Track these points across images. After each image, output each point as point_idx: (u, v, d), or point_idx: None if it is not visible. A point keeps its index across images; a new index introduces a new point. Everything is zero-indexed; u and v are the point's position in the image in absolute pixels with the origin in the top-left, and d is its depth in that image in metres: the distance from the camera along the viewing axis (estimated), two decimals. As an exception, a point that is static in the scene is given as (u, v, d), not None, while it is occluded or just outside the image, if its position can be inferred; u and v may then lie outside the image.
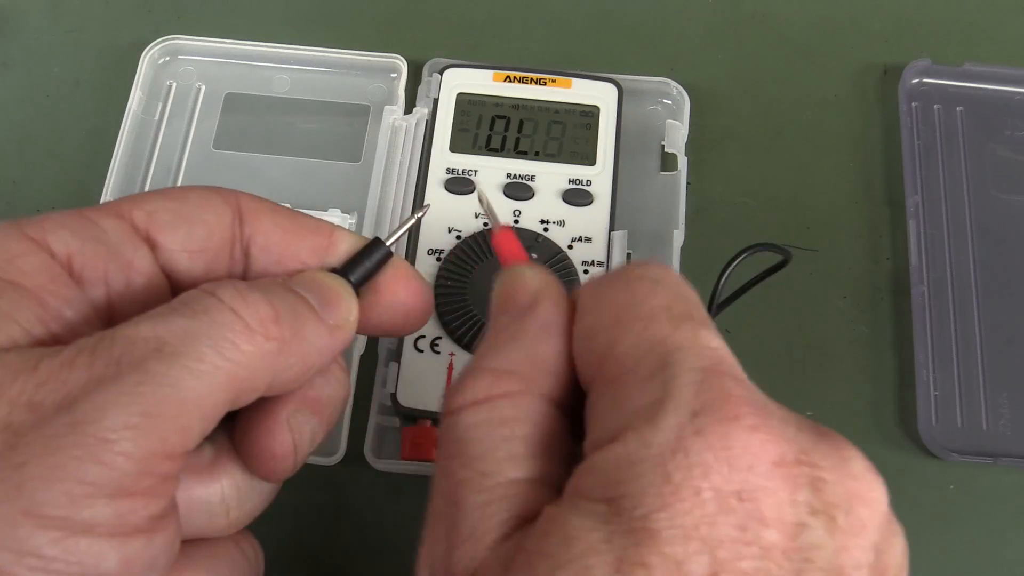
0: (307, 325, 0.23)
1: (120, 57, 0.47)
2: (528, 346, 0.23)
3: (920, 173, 0.44)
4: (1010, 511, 0.38)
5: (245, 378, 0.22)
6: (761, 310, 0.41)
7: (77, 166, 0.44)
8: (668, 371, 0.20)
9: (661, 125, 0.44)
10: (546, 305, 0.23)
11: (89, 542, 0.19)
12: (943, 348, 0.40)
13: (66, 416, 0.19)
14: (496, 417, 0.22)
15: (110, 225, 0.23)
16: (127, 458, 0.19)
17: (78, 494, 0.19)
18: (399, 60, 0.45)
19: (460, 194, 0.41)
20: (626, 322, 0.22)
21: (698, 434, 0.19)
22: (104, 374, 0.20)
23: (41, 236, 0.22)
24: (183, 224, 0.24)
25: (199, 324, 0.21)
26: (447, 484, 0.22)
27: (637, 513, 0.18)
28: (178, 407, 0.20)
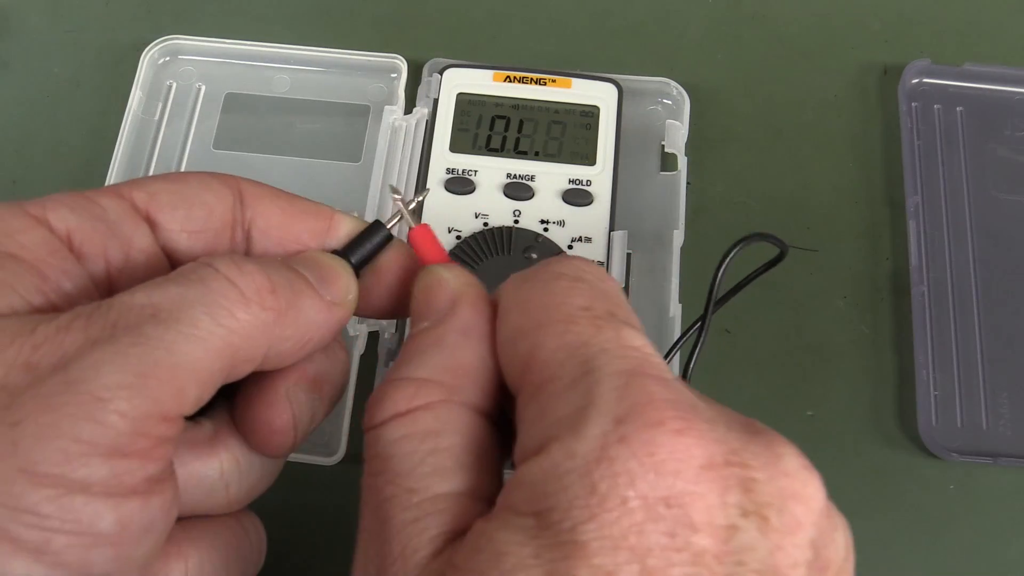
0: (304, 298, 0.23)
1: (120, 57, 0.47)
2: (448, 353, 0.22)
3: (920, 173, 0.44)
4: (1010, 511, 0.38)
5: (240, 347, 0.22)
6: (761, 310, 0.41)
7: (77, 166, 0.44)
8: (591, 377, 0.20)
9: (661, 125, 0.44)
10: (466, 308, 0.23)
11: (85, 500, 0.19)
12: (943, 348, 0.40)
13: (61, 375, 0.19)
14: (419, 430, 0.21)
15: (110, 204, 0.24)
16: (121, 417, 0.19)
17: (73, 452, 0.19)
18: (399, 60, 0.45)
19: (460, 194, 0.41)
20: (547, 325, 0.21)
21: (622, 441, 0.19)
22: (99, 336, 0.20)
23: (41, 214, 0.23)
24: (183, 204, 0.25)
25: (195, 291, 0.21)
26: (374, 501, 0.21)
27: (565, 526, 0.18)
28: (172, 370, 0.20)
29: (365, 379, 0.39)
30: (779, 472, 0.20)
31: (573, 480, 0.19)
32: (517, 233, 0.40)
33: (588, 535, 0.18)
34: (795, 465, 0.20)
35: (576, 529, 0.18)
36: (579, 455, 0.19)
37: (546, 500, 0.19)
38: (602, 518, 0.18)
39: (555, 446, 0.19)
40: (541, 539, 0.18)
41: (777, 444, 0.20)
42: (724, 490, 0.19)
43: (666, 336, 0.39)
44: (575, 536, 0.18)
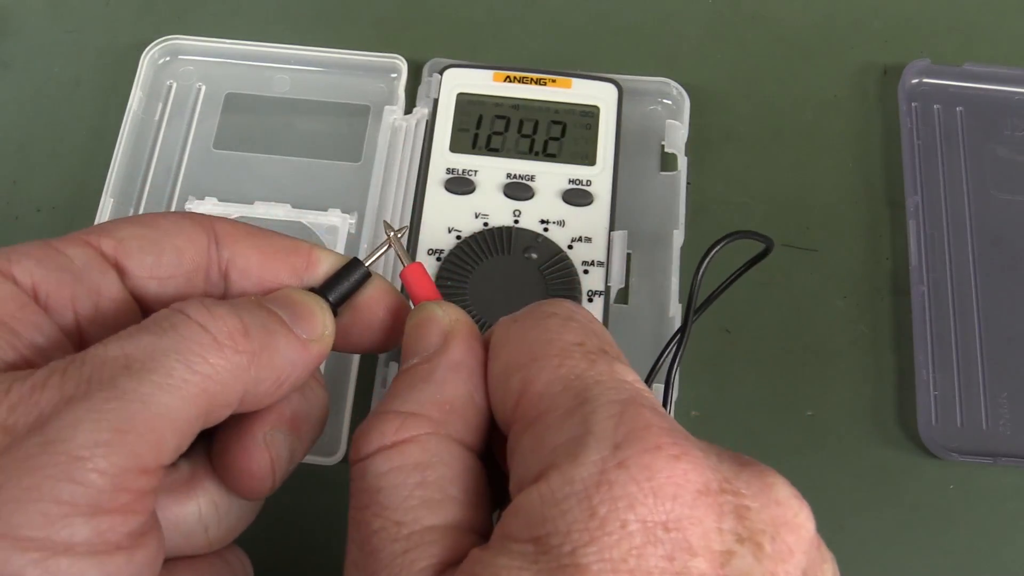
0: (278, 338, 0.23)
1: (120, 57, 0.47)
2: (436, 388, 0.23)
3: (920, 173, 0.44)
4: (1010, 511, 0.38)
5: (216, 392, 0.21)
6: (761, 310, 0.41)
7: (77, 166, 0.44)
8: (587, 406, 0.20)
9: (661, 125, 0.44)
10: (456, 344, 0.23)
11: (70, 562, 0.19)
12: (943, 348, 0.40)
13: (38, 436, 0.19)
14: (407, 463, 0.22)
15: (76, 253, 0.23)
16: (100, 475, 0.19)
17: (55, 514, 0.19)
18: (399, 60, 0.45)
19: (460, 194, 0.41)
20: (541, 359, 0.22)
21: (621, 466, 0.19)
22: (74, 393, 0.20)
23: (6, 267, 0.22)
24: (152, 250, 0.24)
25: (167, 340, 0.21)
26: (361, 534, 0.21)
27: (565, 549, 0.18)
28: (149, 422, 0.20)
29: (365, 379, 0.39)
30: (771, 500, 0.20)
31: (572, 505, 0.19)
32: (517, 233, 0.40)
33: (589, 558, 0.18)
34: (786, 494, 0.20)
35: (576, 552, 0.18)
36: (578, 480, 0.19)
37: (545, 526, 0.19)
38: (602, 541, 0.18)
39: (554, 473, 0.19)
40: (541, 564, 0.18)
41: (767, 474, 0.21)
42: (720, 516, 0.19)
43: (666, 336, 0.39)
44: (576, 559, 0.18)
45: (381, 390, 0.38)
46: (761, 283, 0.42)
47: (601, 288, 0.39)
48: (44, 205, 0.44)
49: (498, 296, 0.39)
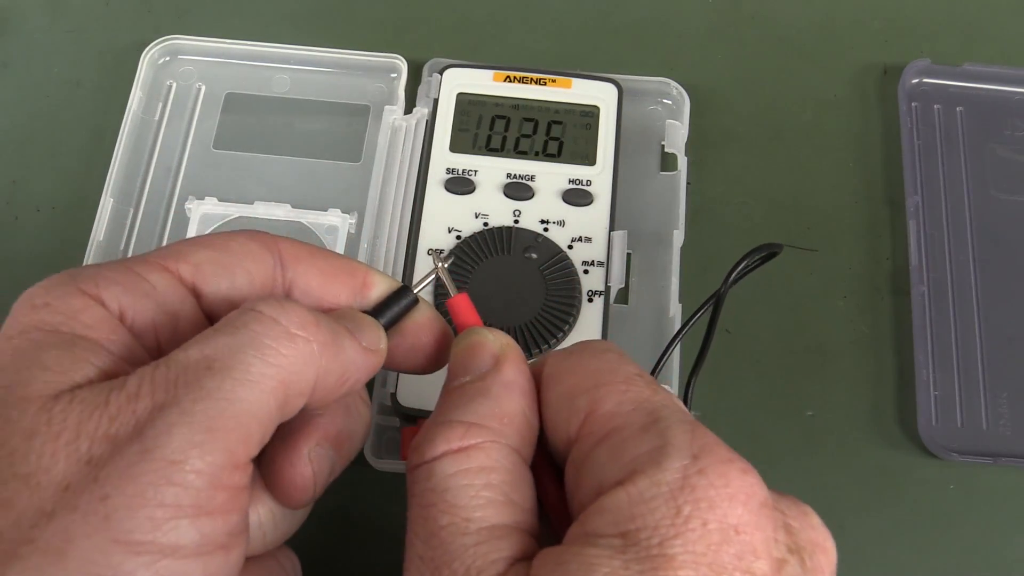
0: (343, 338, 0.25)
1: (120, 57, 0.47)
2: (494, 402, 0.24)
3: (920, 173, 0.44)
4: (1010, 511, 0.38)
5: (291, 382, 0.23)
6: (761, 310, 0.41)
7: (77, 166, 0.44)
8: (661, 423, 0.23)
9: (661, 125, 0.44)
10: (509, 365, 0.25)
11: (178, 563, 0.20)
12: (943, 348, 0.40)
13: (137, 445, 0.20)
14: (473, 466, 0.23)
15: (157, 280, 0.25)
16: (198, 475, 0.21)
17: (160, 518, 0.20)
18: (399, 60, 0.45)
19: (460, 194, 0.41)
20: (607, 384, 0.24)
21: (701, 473, 0.21)
22: (164, 399, 0.21)
23: (95, 292, 0.24)
24: (225, 275, 0.26)
25: (242, 337, 0.22)
26: (428, 530, 0.23)
27: (653, 542, 0.21)
28: (236, 418, 0.21)
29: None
30: (808, 524, 0.23)
31: (659, 504, 0.21)
32: (517, 233, 0.40)
33: (675, 550, 0.20)
34: (819, 521, 0.23)
35: (664, 544, 0.20)
36: (664, 483, 0.21)
37: (633, 521, 0.21)
38: (686, 536, 0.21)
39: (640, 477, 0.22)
40: (629, 554, 0.21)
41: (802, 503, 0.24)
42: (775, 528, 0.22)
43: (666, 336, 0.39)
44: (663, 550, 0.20)
45: (381, 390, 0.38)
46: (761, 283, 0.42)
47: (601, 288, 0.39)
48: (44, 205, 0.44)
49: (498, 296, 0.39)
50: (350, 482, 0.38)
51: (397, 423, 0.38)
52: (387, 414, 0.38)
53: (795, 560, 0.22)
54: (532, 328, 0.38)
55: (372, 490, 0.38)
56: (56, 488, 0.20)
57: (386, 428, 0.38)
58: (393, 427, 0.38)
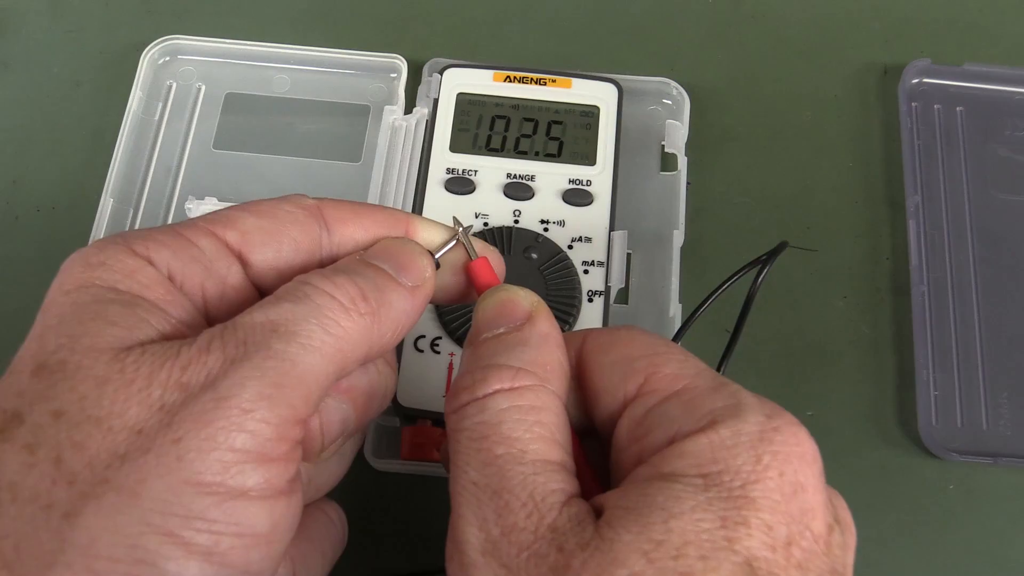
0: (389, 293, 0.26)
1: (120, 57, 0.47)
2: (536, 351, 0.25)
3: (920, 173, 0.44)
4: (1010, 511, 0.38)
5: (348, 351, 0.24)
6: (761, 310, 0.41)
7: (77, 166, 0.44)
8: (730, 386, 0.24)
9: (661, 125, 0.44)
10: (543, 319, 0.26)
11: (245, 504, 0.21)
12: (943, 348, 0.40)
13: (211, 393, 0.21)
14: (525, 404, 0.24)
15: (205, 244, 0.26)
16: (266, 424, 0.22)
17: (230, 460, 0.21)
18: (399, 60, 0.45)
19: (460, 194, 0.41)
20: (666, 353, 0.26)
21: (777, 430, 0.23)
22: (236, 355, 0.22)
23: (146, 254, 0.24)
24: (272, 243, 0.26)
25: (304, 307, 0.24)
26: (481, 459, 0.23)
27: (736, 483, 0.22)
28: (300, 377, 0.23)
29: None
30: (841, 506, 0.25)
31: (742, 451, 0.22)
32: (517, 233, 0.40)
33: (756, 492, 0.22)
34: (847, 507, 0.25)
35: (746, 486, 0.22)
36: (744, 433, 0.23)
37: (716, 464, 0.22)
38: (766, 483, 0.22)
39: (721, 427, 0.23)
40: (711, 492, 0.22)
41: (835, 490, 0.25)
42: (826, 497, 0.23)
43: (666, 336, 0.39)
44: (745, 492, 0.22)
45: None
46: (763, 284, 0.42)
47: (601, 288, 0.39)
48: (44, 205, 0.44)
49: (498, 296, 0.39)
50: (350, 482, 0.38)
51: (397, 423, 0.38)
52: (387, 414, 0.38)
53: (839, 528, 0.23)
54: (532, 328, 0.38)
55: (372, 490, 0.38)
56: (129, 432, 0.21)
57: (386, 428, 0.38)
58: (393, 427, 0.38)
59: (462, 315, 0.38)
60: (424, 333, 0.38)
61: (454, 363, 0.38)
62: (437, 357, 0.38)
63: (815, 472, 0.23)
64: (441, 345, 0.38)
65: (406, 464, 0.37)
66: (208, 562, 0.21)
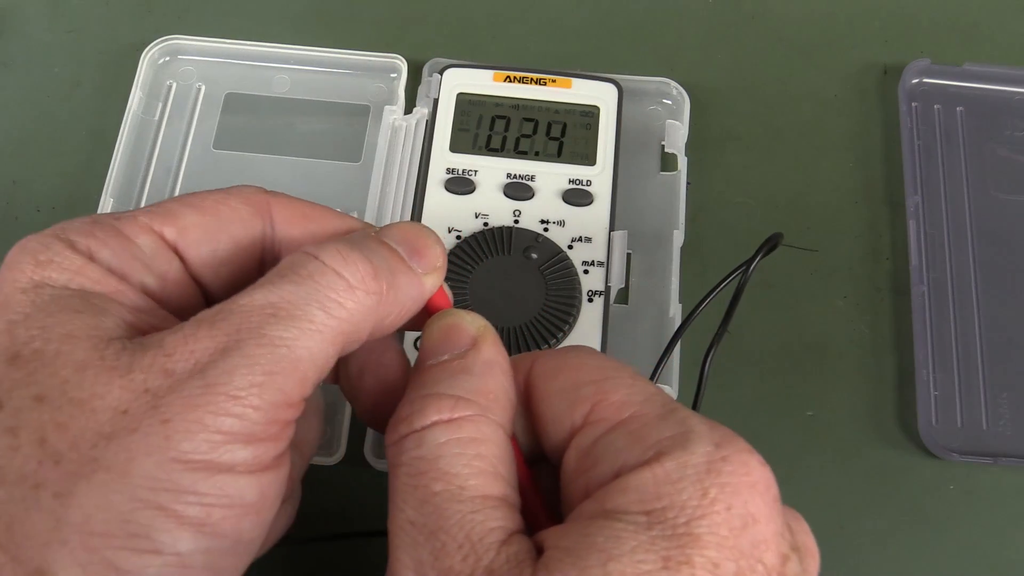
0: (400, 276, 0.25)
1: (120, 57, 0.47)
2: (478, 379, 0.25)
3: (920, 173, 0.44)
4: (1010, 511, 0.38)
5: (351, 332, 0.24)
6: (761, 310, 0.41)
7: (77, 166, 0.44)
8: (679, 413, 0.23)
9: (661, 125, 0.44)
10: (488, 345, 0.26)
11: (234, 478, 0.22)
12: (943, 348, 0.40)
13: (199, 379, 0.21)
14: (464, 436, 0.24)
15: (144, 242, 0.25)
16: (255, 410, 0.22)
17: (218, 441, 0.21)
18: (399, 60, 0.45)
19: (460, 194, 0.41)
20: (614, 378, 0.25)
21: (725, 460, 0.22)
22: (227, 343, 0.22)
23: (88, 251, 0.25)
24: (209, 241, 0.26)
25: (306, 288, 0.23)
26: (419, 496, 0.23)
27: (680, 520, 0.21)
28: (295, 363, 0.22)
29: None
30: (801, 530, 0.24)
31: (687, 485, 0.22)
32: (517, 233, 0.40)
33: (701, 529, 0.21)
34: (808, 529, 0.24)
35: (691, 523, 0.21)
36: (690, 466, 0.22)
37: (660, 500, 0.22)
38: (712, 518, 0.21)
39: (666, 459, 0.22)
40: (655, 531, 0.21)
41: (792, 508, 0.24)
42: (782, 524, 0.22)
43: (666, 336, 0.39)
44: (690, 529, 0.21)
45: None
46: (761, 283, 0.42)
47: (601, 288, 0.39)
48: (44, 205, 0.44)
49: (498, 296, 0.39)
50: (350, 482, 0.38)
51: (397, 423, 0.38)
52: (387, 414, 0.38)
53: (796, 557, 0.22)
54: (532, 328, 0.38)
55: (372, 490, 0.38)
56: (112, 412, 0.21)
57: (386, 428, 0.38)
58: (393, 427, 0.38)
59: (462, 315, 0.38)
60: (424, 333, 0.38)
61: (454, 363, 0.38)
62: (437, 357, 0.38)
63: (767, 501, 0.22)
64: (441, 345, 0.38)
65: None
66: (200, 532, 0.21)
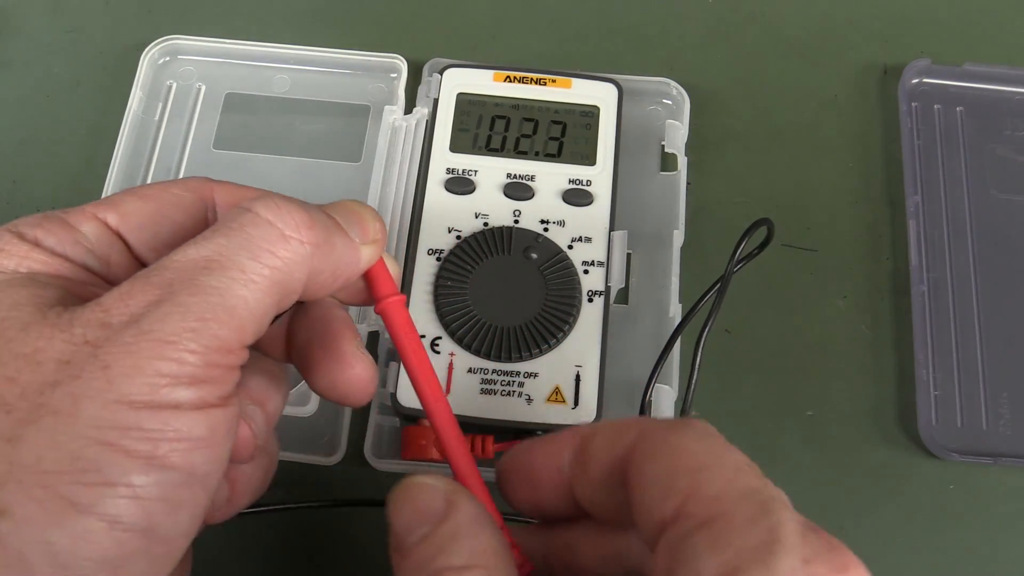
0: (336, 236, 0.26)
1: (120, 57, 0.47)
2: (474, 540, 0.24)
3: (920, 173, 0.44)
4: (1010, 511, 0.38)
5: (284, 281, 0.24)
6: (761, 310, 0.41)
7: (77, 166, 0.44)
8: (771, 517, 0.21)
9: (661, 125, 0.44)
10: (467, 502, 0.25)
11: (180, 414, 0.22)
12: (943, 348, 0.40)
13: (133, 328, 0.22)
14: None
15: (88, 228, 0.27)
16: (191, 353, 0.22)
17: (160, 383, 0.22)
18: (399, 60, 0.45)
19: (460, 194, 0.41)
20: (713, 468, 0.23)
21: None
22: (161, 295, 0.23)
23: (34, 239, 0.26)
24: (150, 226, 0.27)
25: (237, 238, 0.24)
26: None
27: None
28: (228, 311, 0.23)
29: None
30: None
31: None
32: (517, 233, 0.40)
33: None
34: None
35: None
36: None
37: None
38: None
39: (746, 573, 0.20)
40: None
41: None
42: None
43: (666, 336, 0.39)
44: None
45: (381, 390, 0.37)
46: (761, 283, 0.42)
47: (601, 288, 0.39)
48: (44, 205, 0.44)
49: (498, 296, 0.39)
50: (351, 482, 0.38)
51: (397, 423, 0.38)
52: (387, 414, 0.38)
53: None
54: (532, 328, 0.38)
55: (372, 490, 0.38)
56: (56, 362, 0.22)
57: (386, 428, 0.38)
58: (393, 427, 0.38)
59: (463, 315, 0.38)
60: (424, 333, 0.38)
61: (454, 363, 0.38)
62: (437, 357, 0.38)
63: None
64: (441, 345, 0.38)
65: (406, 464, 0.37)
66: (150, 465, 0.22)
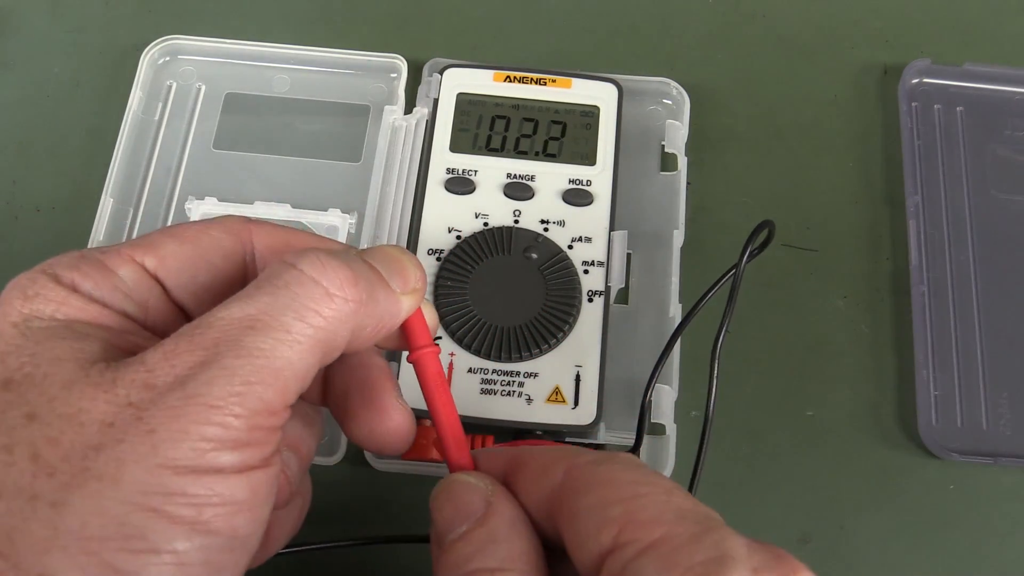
0: (378, 290, 0.26)
1: (120, 57, 0.47)
2: (509, 544, 0.25)
3: (920, 173, 0.44)
4: (1010, 511, 0.38)
5: (329, 340, 0.24)
6: (761, 310, 0.41)
7: (77, 166, 0.44)
8: (715, 533, 0.22)
9: (661, 125, 0.44)
10: (505, 504, 0.25)
11: (223, 478, 0.22)
12: (943, 348, 0.40)
13: (180, 391, 0.22)
14: None
15: (126, 272, 0.26)
16: (237, 418, 0.22)
17: (203, 448, 0.22)
18: (399, 60, 0.45)
19: (460, 194, 0.41)
20: (645, 494, 0.23)
21: None
22: (206, 356, 0.23)
23: (72, 284, 0.25)
24: (189, 270, 0.27)
25: (283, 298, 0.24)
26: None
27: None
28: (274, 373, 0.23)
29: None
30: None
31: None
32: (517, 233, 0.40)
33: None
34: None
35: None
36: None
37: None
38: None
39: None
40: None
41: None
42: None
43: (666, 336, 0.39)
44: None
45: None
46: (761, 283, 0.42)
47: (601, 288, 0.39)
48: (44, 205, 0.44)
49: (498, 296, 0.39)
50: (350, 482, 0.38)
51: (397, 423, 0.38)
52: (387, 414, 0.38)
53: None
54: (532, 328, 0.38)
55: (372, 490, 0.38)
56: (100, 424, 0.22)
57: (386, 428, 0.38)
58: (393, 427, 0.38)
59: (463, 315, 0.38)
60: (424, 333, 0.38)
61: (454, 363, 0.38)
62: (437, 357, 0.38)
63: None
64: (441, 345, 0.38)
65: (406, 464, 0.37)
66: (194, 530, 0.22)
